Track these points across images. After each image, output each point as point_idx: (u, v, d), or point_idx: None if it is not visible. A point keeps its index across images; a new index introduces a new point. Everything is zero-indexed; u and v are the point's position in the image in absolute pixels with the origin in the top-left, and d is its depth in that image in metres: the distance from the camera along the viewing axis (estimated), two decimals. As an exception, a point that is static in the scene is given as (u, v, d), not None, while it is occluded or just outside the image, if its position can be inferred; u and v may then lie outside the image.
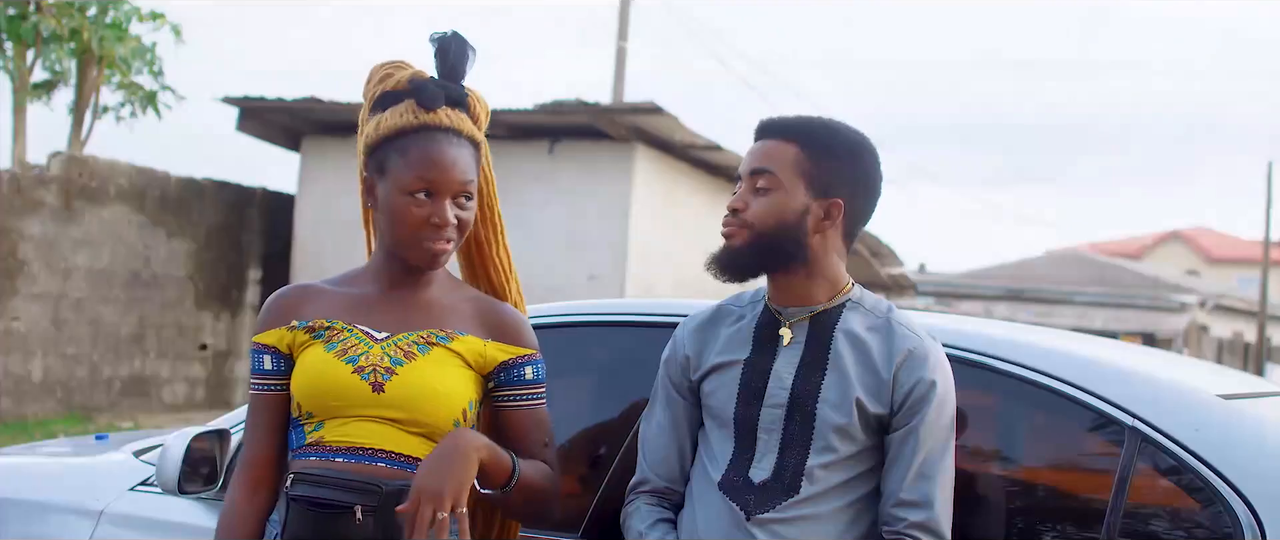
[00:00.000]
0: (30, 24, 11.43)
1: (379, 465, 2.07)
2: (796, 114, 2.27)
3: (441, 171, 2.08)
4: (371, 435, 2.08)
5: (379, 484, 2.03)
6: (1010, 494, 2.42)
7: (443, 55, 2.17)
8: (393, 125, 2.11)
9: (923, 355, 2.13)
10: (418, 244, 2.10)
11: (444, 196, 2.09)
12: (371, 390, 2.07)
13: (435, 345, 2.11)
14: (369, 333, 2.12)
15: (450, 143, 2.11)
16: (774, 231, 2.17)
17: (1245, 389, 2.56)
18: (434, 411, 2.07)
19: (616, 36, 17.89)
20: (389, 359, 2.09)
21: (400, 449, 2.07)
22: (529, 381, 2.18)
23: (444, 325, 2.14)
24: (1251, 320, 30.22)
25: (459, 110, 2.15)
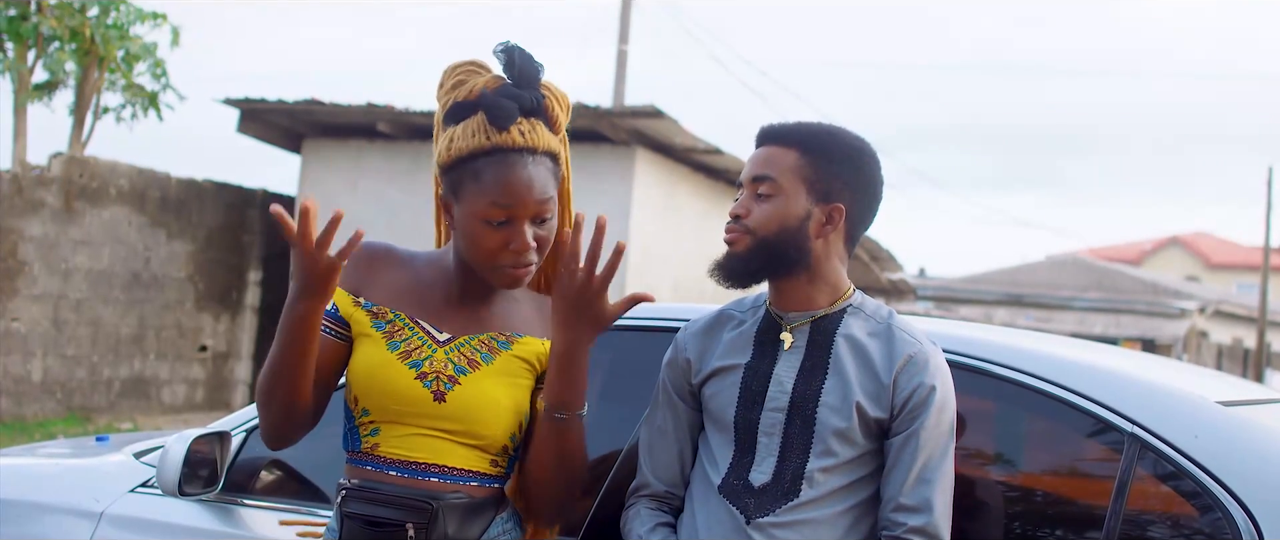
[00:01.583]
0: (31, 24, 11.44)
1: (432, 480, 2.06)
2: (797, 120, 2.28)
3: (517, 197, 2.01)
4: (426, 449, 2.06)
5: (430, 501, 2.03)
6: (1009, 499, 2.42)
7: (510, 65, 2.08)
8: (464, 148, 2.04)
9: (923, 360, 2.14)
10: (497, 269, 2.05)
11: (522, 221, 2.03)
12: (433, 399, 2.05)
13: (498, 352, 2.08)
14: (431, 333, 2.09)
15: (525, 163, 2.03)
16: (776, 237, 2.18)
17: (1244, 396, 2.57)
18: (492, 424, 2.06)
19: (617, 39, 17.90)
20: (453, 367, 2.06)
21: (453, 462, 2.07)
22: None
23: (506, 327, 2.11)
24: (1251, 326, 30.21)
25: (535, 120, 2.07)
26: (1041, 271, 33.54)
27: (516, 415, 2.09)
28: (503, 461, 2.13)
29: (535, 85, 2.09)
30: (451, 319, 2.11)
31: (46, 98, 12.22)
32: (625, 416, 2.64)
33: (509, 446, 2.12)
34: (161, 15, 12.26)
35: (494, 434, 2.07)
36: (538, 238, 2.05)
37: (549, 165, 2.07)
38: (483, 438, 2.07)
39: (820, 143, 2.22)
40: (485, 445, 2.07)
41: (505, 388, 2.07)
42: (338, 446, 3.20)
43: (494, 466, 2.12)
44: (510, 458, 2.15)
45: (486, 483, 2.11)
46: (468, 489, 2.08)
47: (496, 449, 2.09)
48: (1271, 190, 26.00)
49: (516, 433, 2.09)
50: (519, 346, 2.10)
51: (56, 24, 11.51)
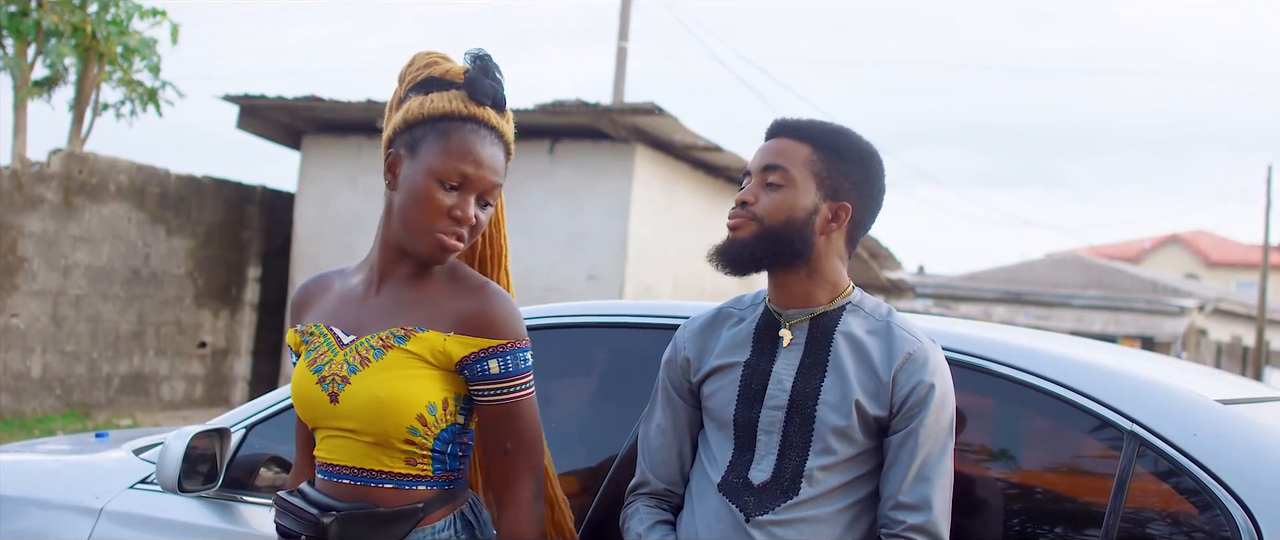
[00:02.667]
0: (31, 20, 11.43)
1: (343, 482, 2.06)
2: (810, 117, 2.29)
3: (477, 165, 2.03)
4: (339, 452, 2.07)
5: (318, 514, 2.02)
6: (1009, 497, 2.42)
7: (486, 67, 2.11)
8: (439, 108, 2.05)
9: (922, 358, 2.14)
10: (430, 233, 2.03)
11: (471, 192, 2.04)
12: (329, 401, 2.05)
13: (391, 348, 2.04)
14: (338, 337, 2.09)
15: (492, 141, 2.07)
16: (782, 227, 2.18)
17: (1244, 394, 2.57)
18: (383, 420, 2.01)
19: (617, 37, 17.90)
20: (346, 367, 2.05)
21: (362, 463, 2.05)
22: (494, 376, 2.04)
23: (409, 322, 2.05)
24: (1250, 324, 30.22)
25: (501, 114, 2.12)
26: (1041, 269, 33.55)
27: (409, 409, 2.01)
28: (424, 461, 2.05)
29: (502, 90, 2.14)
30: (361, 320, 2.10)
31: (46, 94, 12.21)
32: (624, 414, 2.64)
33: (419, 442, 2.03)
34: (161, 12, 12.25)
35: (386, 430, 2.01)
36: (477, 217, 2.06)
37: (505, 156, 2.11)
38: (378, 435, 2.02)
39: (833, 141, 2.23)
40: (383, 441, 2.02)
41: (394, 382, 2.01)
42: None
43: (411, 465, 2.05)
44: (438, 456, 2.07)
45: (407, 485, 2.05)
46: (381, 493, 2.04)
47: (397, 445, 2.02)
48: (1271, 188, 26.01)
49: (420, 427, 2.01)
50: (415, 341, 2.03)
51: (57, 19, 11.51)
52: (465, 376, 2.05)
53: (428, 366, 2.03)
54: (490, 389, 2.05)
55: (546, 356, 2.95)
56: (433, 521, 2.06)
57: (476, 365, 2.03)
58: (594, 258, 12.54)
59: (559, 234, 12.61)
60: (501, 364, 2.04)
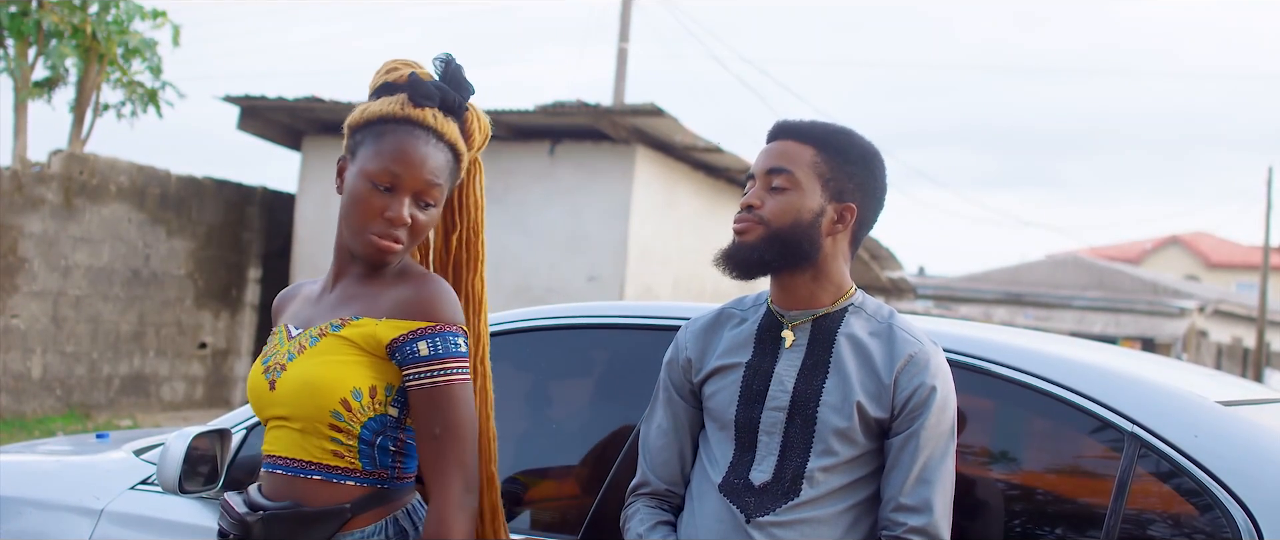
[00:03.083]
0: (32, 20, 11.43)
1: (277, 473, 2.08)
2: (812, 119, 2.29)
3: (408, 166, 2.04)
4: (274, 441, 2.09)
5: (244, 514, 2.04)
6: (1010, 499, 2.43)
7: (444, 72, 2.15)
8: (377, 111, 2.09)
9: (924, 360, 2.14)
10: (365, 234, 2.05)
11: (405, 193, 2.05)
12: (269, 388, 2.08)
13: (327, 335, 2.06)
14: (289, 331, 2.13)
15: (427, 141, 2.07)
16: (790, 230, 2.18)
17: (1244, 395, 2.57)
18: (306, 403, 2.02)
19: (617, 38, 17.90)
20: (287, 355, 2.08)
21: (292, 453, 2.06)
22: (423, 357, 2.00)
23: (348, 313, 2.07)
24: (1251, 325, 30.21)
25: (451, 118, 2.12)
26: (1041, 270, 33.54)
27: (333, 393, 2.00)
28: (351, 453, 2.04)
29: (462, 92, 2.15)
30: (313, 316, 2.13)
31: (47, 95, 12.21)
32: (624, 415, 2.64)
33: (344, 428, 2.02)
34: (162, 13, 12.26)
35: (310, 413, 2.02)
36: (415, 218, 2.06)
37: (449, 156, 2.11)
38: (303, 419, 2.03)
39: (837, 142, 2.23)
40: (309, 427, 2.03)
41: (322, 366, 2.03)
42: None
43: (336, 457, 2.03)
44: (366, 448, 2.05)
45: (333, 478, 2.04)
46: (309, 485, 2.03)
47: (321, 430, 2.02)
48: (1271, 190, 26.00)
49: (344, 413, 2.01)
50: (350, 328, 2.05)
51: (58, 20, 11.51)
52: (397, 361, 2.03)
53: (359, 352, 2.03)
54: (419, 371, 2.01)
55: (547, 357, 2.96)
56: (361, 525, 2.03)
57: (406, 347, 2.01)
58: (594, 258, 12.54)
59: (559, 235, 12.61)
60: (431, 346, 2.01)
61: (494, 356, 2.99)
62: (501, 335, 2.93)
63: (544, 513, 2.79)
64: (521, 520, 2.74)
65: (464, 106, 2.16)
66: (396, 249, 2.06)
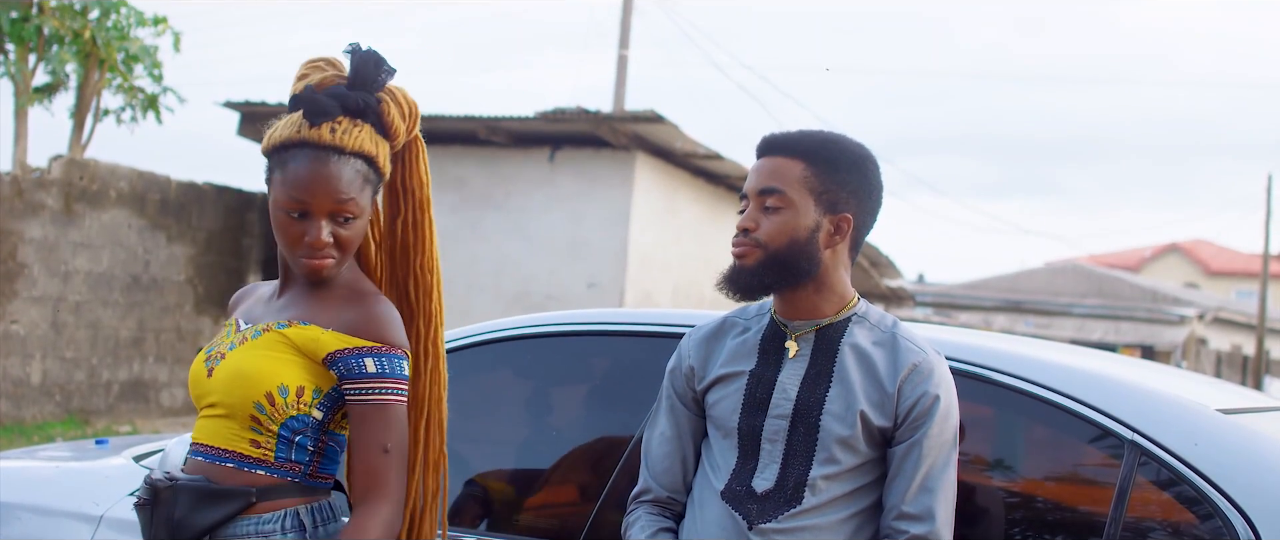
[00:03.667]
0: (32, 25, 11.45)
1: (196, 459, 2.11)
2: (800, 129, 2.28)
3: (312, 192, 2.04)
4: (200, 429, 2.12)
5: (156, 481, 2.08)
6: (1010, 506, 2.43)
7: (351, 66, 2.12)
8: (276, 138, 2.10)
9: (927, 369, 2.14)
10: (295, 259, 2.09)
11: (319, 216, 2.05)
12: (207, 375, 2.11)
13: (269, 331, 2.09)
14: (240, 323, 2.16)
15: (328, 161, 2.05)
16: (787, 250, 2.18)
17: (1244, 403, 2.57)
18: (234, 392, 2.05)
19: (618, 44, 17.92)
20: (228, 346, 2.12)
21: (214, 441, 2.08)
22: (370, 374, 2.04)
23: (299, 315, 2.09)
24: (1250, 333, 30.22)
25: (359, 122, 2.09)
26: (1041, 278, 33.55)
27: (259, 385, 2.04)
28: (267, 445, 2.06)
29: (369, 87, 2.11)
30: (262, 316, 2.16)
31: (47, 100, 12.22)
32: (625, 422, 2.64)
33: (264, 422, 2.05)
34: (162, 19, 12.27)
35: (234, 401, 2.05)
36: (338, 236, 2.07)
37: (359, 166, 2.08)
38: (228, 407, 2.06)
39: (826, 153, 2.22)
40: (232, 414, 2.06)
41: (256, 359, 2.06)
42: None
43: (255, 447, 2.06)
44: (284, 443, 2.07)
45: (245, 467, 2.06)
46: (220, 470, 2.06)
47: (243, 419, 2.05)
48: (1271, 197, 26.02)
49: (267, 406, 2.04)
50: (294, 329, 2.08)
51: (58, 25, 11.53)
52: (337, 371, 2.05)
53: (295, 353, 2.06)
54: (365, 386, 2.04)
55: (548, 364, 2.96)
56: (262, 512, 2.06)
57: (351, 360, 2.04)
58: (594, 265, 12.55)
59: (559, 241, 12.62)
60: (378, 364, 2.04)
61: (493, 363, 3.01)
62: (502, 342, 2.93)
63: (544, 519, 2.79)
64: (522, 525, 2.75)
65: (373, 103, 2.11)
66: (328, 265, 2.08)
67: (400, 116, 2.13)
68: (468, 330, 2.97)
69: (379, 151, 2.10)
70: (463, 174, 13.02)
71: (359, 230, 2.10)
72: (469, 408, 3.11)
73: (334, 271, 2.10)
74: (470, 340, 2.94)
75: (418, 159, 2.21)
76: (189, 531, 2.04)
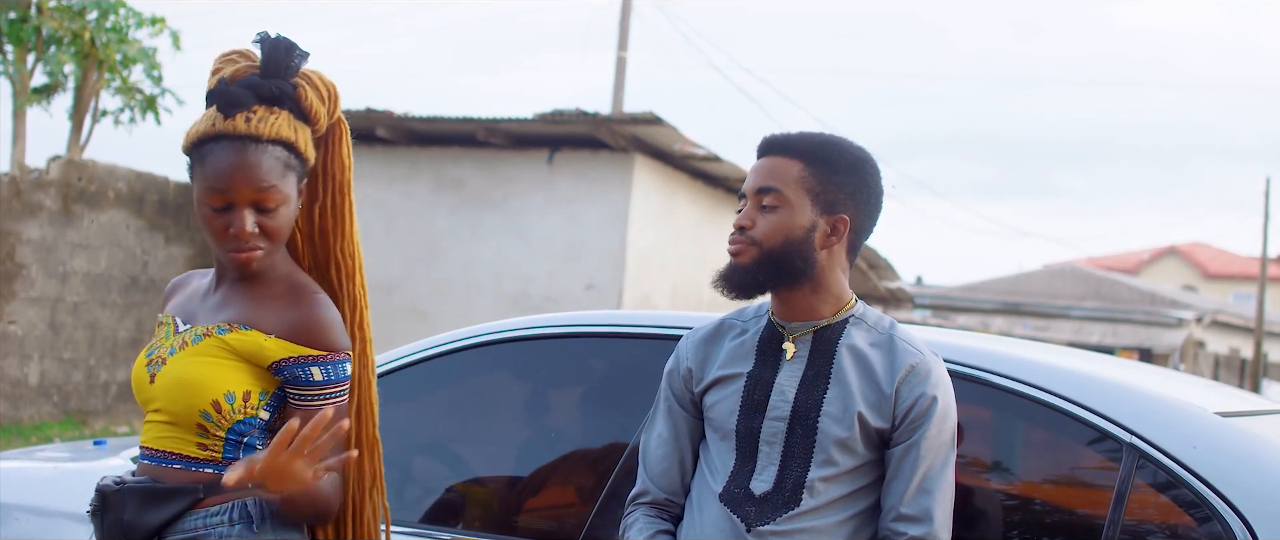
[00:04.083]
0: (31, 26, 11.44)
1: (144, 463, 2.12)
2: (800, 130, 2.29)
3: (232, 183, 2.04)
4: (147, 433, 2.12)
5: (105, 487, 2.09)
6: (1009, 509, 2.43)
7: (262, 55, 2.12)
8: (194, 133, 2.10)
9: (925, 371, 2.14)
10: (223, 254, 2.09)
11: (242, 207, 2.05)
12: (149, 382, 2.11)
13: (211, 336, 2.08)
14: (177, 325, 2.15)
15: (246, 150, 2.05)
16: (782, 249, 2.18)
17: (1242, 406, 2.57)
18: (179, 400, 2.05)
19: (616, 46, 17.93)
20: (169, 351, 2.11)
21: (161, 446, 2.09)
22: (317, 382, 2.06)
23: (237, 319, 2.09)
24: (1248, 336, 30.23)
25: (276, 109, 2.08)
26: (1039, 280, 33.57)
27: (205, 394, 2.04)
28: (215, 447, 2.07)
29: (282, 75, 2.10)
30: (199, 313, 2.15)
31: (45, 101, 12.22)
32: (623, 424, 2.64)
33: (211, 429, 2.06)
34: (160, 19, 12.27)
35: (179, 409, 2.05)
36: (263, 225, 2.06)
37: (279, 154, 2.07)
38: (174, 415, 2.06)
39: (824, 154, 2.23)
40: (177, 421, 2.06)
41: (200, 366, 2.06)
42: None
43: (202, 450, 2.07)
44: (232, 444, 2.07)
45: (192, 467, 2.07)
46: (167, 472, 2.07)
47: (189, 426, 2.06)
48: (1269, 200, 26.04)
49: (213, 414, 2.04)
50: (235, 336, 2.07)
51: (57, 26, 11.52)
52: (285, 378, 2.07)
53: (238, 360, 2.07)
54: (312, 394, 2.07)
55: (545, 366, 2.96)
56: (209, 506, 2.07)
57: (298, 369, 2.06)
58: (593, 267, 12.55)
59: (558, 243, 12.62)
60: (325, 372, 2.07)
61: (492, 365, 3.01)
62: (500, 344, 2.93)
63: (542, 521, 2.79)
64: (520, 527, 2.75)
65: (289, 89, 2.11)
66: (256, 257, 2.08)
67: (319, 99, 2.13)
68: (466, 332, 2.97)
69: (299, 137, 2.10)
70: (461, 175, 13.03)
71: (285, 218, 2.09)
72: (468, 409, 3.11)
73: (265, 263, 2.09)
74: (469, 342, 2.94)
75: (340, 143, 2.20)
76: (140, 532, 2.05)
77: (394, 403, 3.04)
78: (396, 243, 12.72)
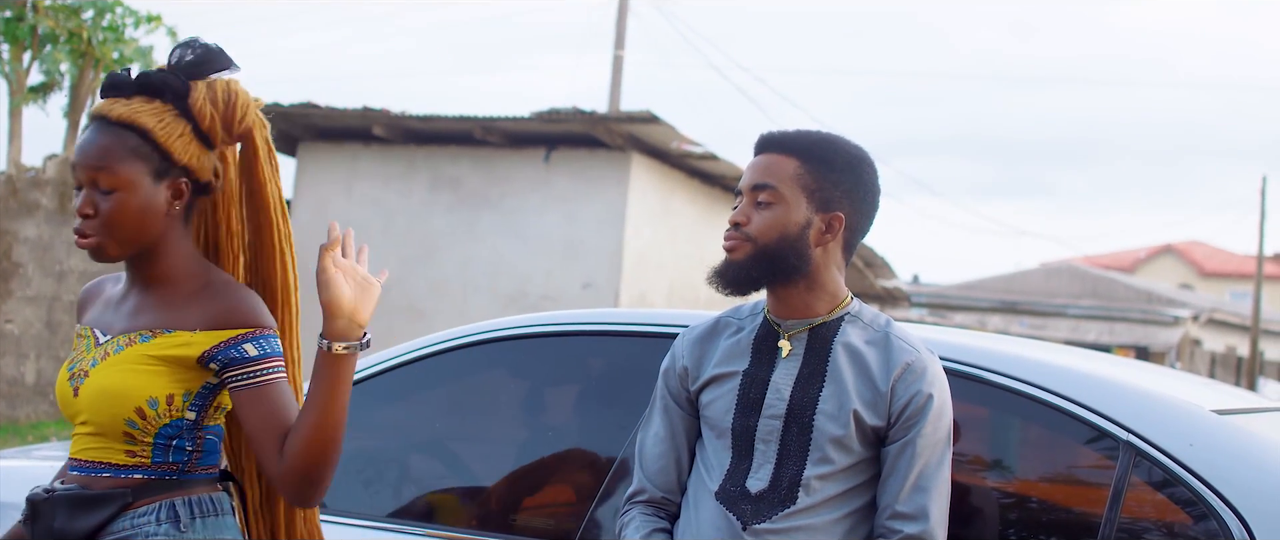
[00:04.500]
0: (27, 25, 11.44)
1: (73, 473, 2.10)
2: (797, 128, 2.29)
3: (77, 162, 2.05)
4: (75, 445, 2.11)
5: (34, 496, 2.07)
6: (1005, 507, 2.43)
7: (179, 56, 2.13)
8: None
9: (920, 368, 2.14)
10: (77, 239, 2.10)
11: (83, 185, 2.06)
12: (73, 395, 2.09)
13: (134, 345, 2.07)
14: (96, 336, 2.13)
15: (96, 130, 2.05)
16: (776, 245, 2.18)
17: (1239, 404, 2.58)
18: (104, 411, 2.04)
19: (613, 45, 17.93)
20: (91, 362, 2.09)
21: (89, 456, 2.08)
22: (252, 358, 2.03)
23: (158, 324, 2.07)
24: (1244, 334, 30.27)
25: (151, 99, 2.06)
26: (1035, 279, 33.60)
27: (128, 402, 2.03)
28: (143, 452, 2.07)
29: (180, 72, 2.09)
30: (115, 321, 2.13)
31: (41, 100, 12.21)
32: (621, 422, 2.64)
33: (137, 436, 2.05)
34: (156, 17, 12.26)
35: (104, 420, 2.04)
36: (98, 210, 2.05)
37: (129, 139, 2.04)
38: (100, 425, 2.05)
39: (820, 151, 2.23)
40: (103, 431, 2.05)
41: (124, 375, 2.04)
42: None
43: (130, 456, 2.06)
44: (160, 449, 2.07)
45: (120, 474, 2.07)
46: (96, 481, 2.07)
47: (116, 435, 2.05)
48: (1265, 199, 26.08)
49: (138, 421, 2.03)
50: (160, 340, 2.05)
51: (53, 25, 11.52)
52: (215, 367, 2.04)
53: (162, 364, 2.05)
54: (249, 371, 2.03)
55: (542, 365, 2.96)
56: (137, 508, 2.06)
57: (231, 350, 2.03)
58: (590, 266, 12.55)
59: (555, 242, 12.62)
60: (258, 346, 2.04)
61: (489, 363, 3.01)
62: (496, 343, 2.93)
63: (539, 519, 2.79)
64: (517, 525, 2.74)
65: (175, 83, 2.08)
66: (90, 243, 2.07)
67: (208, 101, 2.09)
68: (463, 330, 2.97)
69: (159, 129, 2.06)
70: (458, 174, 13.02)
71: (123, 207, 2.05)
72: (465, 408, 3.11)
73: (104, 256, 2.08)
74: (465, 341, 2.93)
75: (256, 157, 2.15)
76: (71, 538, 2.04)
77: (391, 401, 3.04)
78: (393, 241, 12.72)
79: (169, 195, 2.08)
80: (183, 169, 2.08)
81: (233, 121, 2.11)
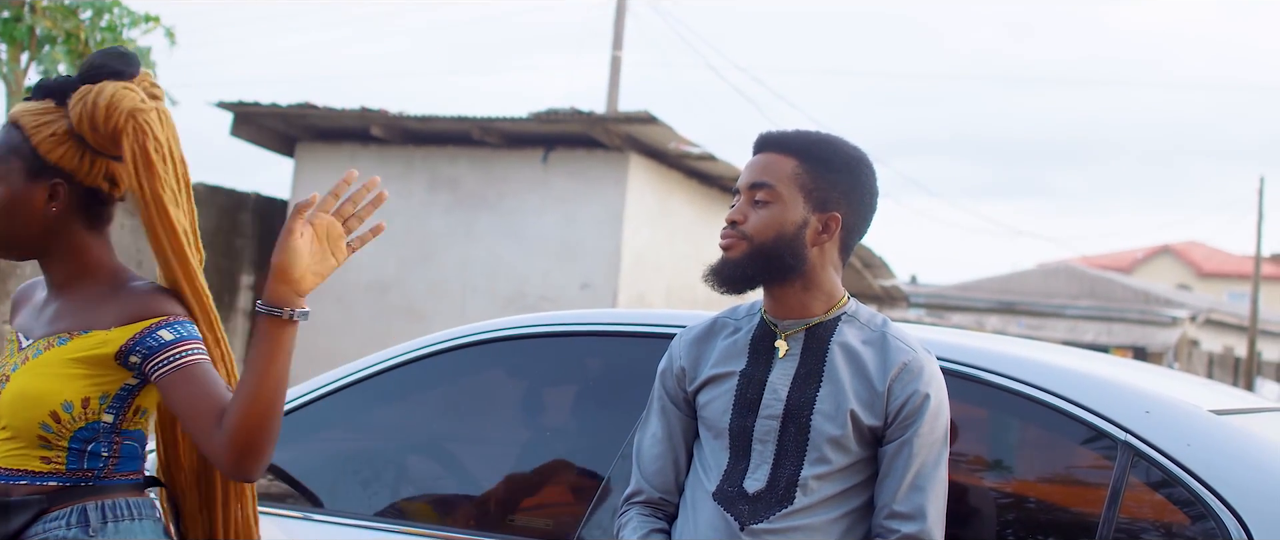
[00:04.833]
0: (25, 25, 11.43)
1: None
2: (795, 128, 2.29)
3: None
4: None
5: None
6: (1002, 507, 2.43)
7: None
8: None
9: (917, 368, 2.15)
10: None
11: None
12: None
13: (52, 348, 2.07)
14: (21, 340, 2.14)
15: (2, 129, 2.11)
16: (773, 244, 2.19)
17: (1236, 404, 2.58)
18: (19, 415, 2.04)
19: (611, 46, 17.94)
20: (11, 367, 2.09)
21: (4, 463, 2.06)
22: (168, 342, 2.02)
23: (75, 325, 2.07)
24: (1242, 335, 30.29)
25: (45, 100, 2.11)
26: (1033, 279, 33.64)
27: (42, 405, 2.02)
28: (58, 458, 2.05)
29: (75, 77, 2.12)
30: (38, 326, 2.13)
31: (39, 100, 12.18)
32: (618, 423, 2.64)
33: (51, 440, 2.04)
34: (154, 17, 12.25)
35: (19, 425, 2.04)
36: None
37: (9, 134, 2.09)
38: (16, 430, 2.05)
39: (818, 151, 2.24)
40: (19, 436, 2.05)
41: (40, 379, 2.04)
42: (329, 451, 3.20)
43: (46, 463, 2.05)
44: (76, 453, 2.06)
45: (37, 481, 2.06)
46: (14, 488, 2.05)
47: (31, 440, 2.04)
48: (1263, 200, 26.11)
49: (52, 424, 2.03)
50: (77, 342, 2.05)
51: (50, 25, 11.51)
52: (134, 361, 2.04)
53: (79, 366, 2.05)
54: (168, 356, 2.02)
55: (540, 365, 2.96)
56: (50, 513, 2.05)
57: (147, 339, 2.03)
58: (588, 266, 12.55)
59: (553, 242, 12.62)
60: (173, 331, 2.03)
61: (488, 364, 3.01)
62: (495, 343, 2.93)
63: (537, 520, 2.79)
64: (515, 526, 2.74)
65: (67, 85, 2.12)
66: None
67: (79, 100, 2.09)
68: (461, 331, 2.97)
69: (31, 126, 2.09)
70: (456, 175, 13.03)
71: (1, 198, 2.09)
72: (463, 409, 3.11)
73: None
74: (464, 341, 2.93)
75: (137, 162, 2.12)
76: None
77: (389, 402, 3.04)
78: (391, 242, 12.72)
79: (45, 196, 2.09)
80: (55, 169, 2.09)
81: (98, 124, 2.09)
